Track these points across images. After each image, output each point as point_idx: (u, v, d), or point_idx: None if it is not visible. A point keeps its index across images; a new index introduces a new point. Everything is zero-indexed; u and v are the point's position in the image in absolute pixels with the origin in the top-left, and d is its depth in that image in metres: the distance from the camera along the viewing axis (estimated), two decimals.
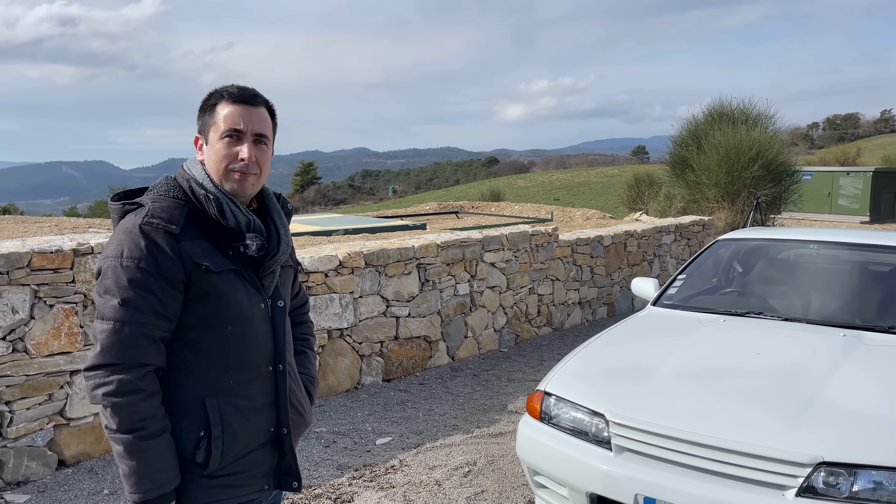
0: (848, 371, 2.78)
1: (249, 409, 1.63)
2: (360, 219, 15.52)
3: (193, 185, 1.61)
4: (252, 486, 1.67)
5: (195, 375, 1.58)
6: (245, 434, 1.63)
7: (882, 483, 2.22)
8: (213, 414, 1.58)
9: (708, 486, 2.35)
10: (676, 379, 2.83)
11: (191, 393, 1.58)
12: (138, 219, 1.54)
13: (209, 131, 1.64)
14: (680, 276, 4.24)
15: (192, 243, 1.56)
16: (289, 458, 1.72)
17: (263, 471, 1.69)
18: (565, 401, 2.87)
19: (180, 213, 1.56)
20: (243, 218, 1.61)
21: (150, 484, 1.48)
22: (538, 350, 6.52)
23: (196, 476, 1.58)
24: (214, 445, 1.57)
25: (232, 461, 1.61)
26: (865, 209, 19.25)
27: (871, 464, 2.23)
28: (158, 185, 1.63)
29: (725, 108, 15.20)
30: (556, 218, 16.84)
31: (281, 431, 1.70)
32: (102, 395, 1.47)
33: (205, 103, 1.66)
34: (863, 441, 2.31)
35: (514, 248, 6.66)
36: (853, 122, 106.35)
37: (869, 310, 3.52)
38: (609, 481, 2.53)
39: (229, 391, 1.61)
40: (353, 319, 5.26)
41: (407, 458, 4.02)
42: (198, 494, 1.58)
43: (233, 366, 1.61)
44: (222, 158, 1.61)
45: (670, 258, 8.95)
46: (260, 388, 1.66)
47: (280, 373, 1.70)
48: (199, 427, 1.58)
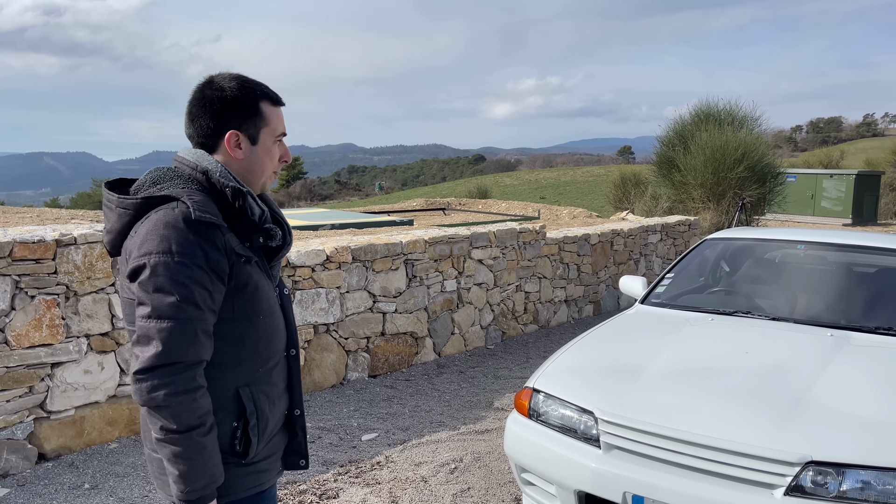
0: (835, 371, 2.79)
1: (275, 395, 1.68)
2: (346, 214, 15.46)
3: (213, 177, 1.55)
4: (275, 469, 1.71)
5: (229, 367, 1.57)
6: (273, 419, 1.67)
7: (870, 483, 2.23)
8: (248, 403, 1.58)
9: (697, 485, 2.35)
10: (666, 377, 2.83)
11: (225, 385, 1.57)
12: (179, 213, 1.48)
13: (258, 132, 1.62)
14: (668, 274, 4.25)
15: (231, 236, 1.54)
16: (300, 437, 1.77)
17: (280, 453, 1.74)
18: (554, 398, 2.86)
19: (214, 206, 1.53)
20: (258, 210, 1.60)
21: (207, 479, 1.47)
22: (524, 347, 6.52)
23: (234, 466, 1.59)
24: (252, 434, 1.58)
25: (262, 447, 1.64)
26: (848, 211, 19.46)
27: (859, 463, 2.24)
28: (169, 178, 1.56)
29: (712, 110, 15.29)
30: (542, 216, 16.87)
31: (294, 413, 1.75)
32: (165, 395, 1.41)
33: (240, 101, 1.60)
34: (851, 441, 2.32)
35: (501, 246, 6.65)
36: (836, 125, 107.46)
37: (855, 310, 3.54)
38: (598, 479, 2.52)
39: (260, 380, 1.63)
40: (340, 314, 5.23)
41: (393, 454, 3.99)
42: (237, 484, 1.59)
43: (262, 355, 1.63)
44: (276, 160, 1.68)
45: (656, 257, 8.98)
46: (281, 374, 1.71)
47: (293, 357, 1.75)
48: (233, 418, 1.58)
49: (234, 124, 1.59)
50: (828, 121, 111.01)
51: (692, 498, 2.32)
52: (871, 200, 20.18)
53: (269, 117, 1.63)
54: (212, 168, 1.56)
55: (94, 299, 3.87)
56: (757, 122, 15.25)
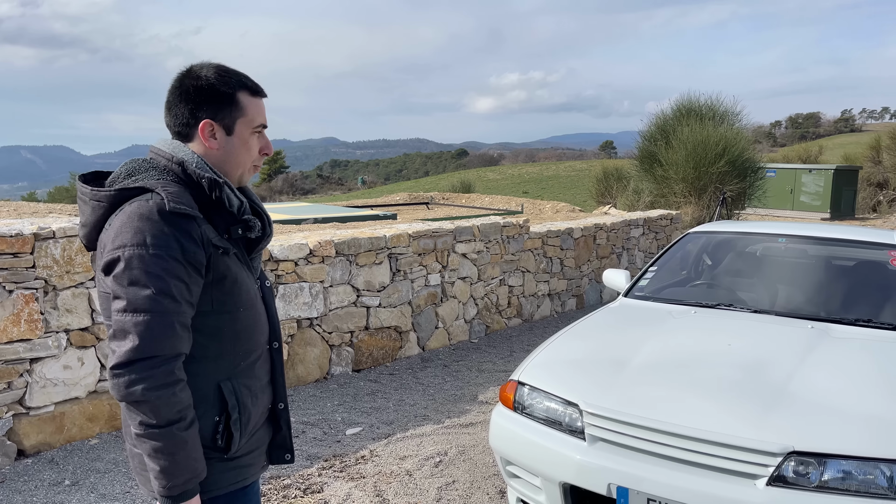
0: (816, 362, 2.82)
1: (258, 389, 1.65)
2: (329, 208, 15.38)
3: (189, 168, 1.53)
4: (258, 463, 1.69)
5: (210, 361, 1.55)
6: (256, 413, 1.65)
7: (851, 472, 2.26)
8: (230, 397, 1.57)
9: (680, 476, 2.36)
10: (649, 369, 2.84)
11: (206, 379, 1.55)
12: (154, 204, 1.45)
13: (234, 123, 1.59)
14: (651, 268, 4.27)
15: (207, 227, 1.52)
16: (284, 431, 1.75)
17: (264, 447, 1.72)
18: (539, 390, 2.86)
19: (189, 197, 1.50)
20: (236, 201, 1.58)
21: (189, 474, 1.44)
22: (508, 341, 6.53)
23: (216, 461, 1.57)
24: (234, 428, 1.57)
25: (245, 441, 1.62)
26: (826, 206, 19.69)
27: (841, 453, 2.27)
28: (144, 169, 1.54)
29: (693, 105, 15.41)
30: (526, 210, 16.90)
31: (278, 407, 1.73)
32: (143, 389, 1.38)
33: (216, 90, 1.57)
34: (832, 431, 2.35)
35: (485, 240, 6.66)
36: (815, 121, 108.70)
37: (835, 303, 3.58)
38: (582, 471, 2.53)
39: (241, 373, 1.61)
40: (324, 309, 5.20)
41: (377, 448, 3.99)
42: (220, 479, 1.58)
43: (243, 349, 1.61)
44: (253, 151, 1.64)
45: (638, 251, 9.03)
46: (264, 368, 1.68)
47: (276, 350, 1.73)
48: (215, 412, 1.56)
49: (209, 114, 1.57)
50: (806, 116, 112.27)
51: (676, 489, 2.34)
52: (849, 195, 20.44)
53: (245, 108, 1.60)
54: (188, 159, 1.54)
55: (73, 294, 3.82)
56: (737, 117, 15.40)
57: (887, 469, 2.24)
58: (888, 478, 2.23)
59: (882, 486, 2.23)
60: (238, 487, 1.63)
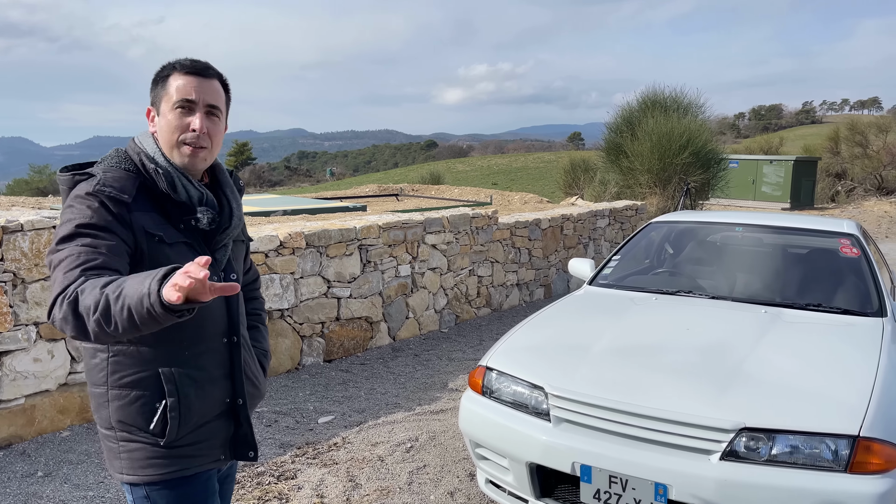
0: (768, 345, 2.97)
1: (205, 381, 1.65)
2: (299, 200, 15.31)
3: (144, 158, 1.61)
4: (209, 456, 1.69)
5: (150, 347, 1.58)
6: (201, 405, 1.65)
7: (798, 447, 2.40)
8: (168, 385, 1.59)
9: (640, 453, 2.49)
10: (612, 353, 2.97)
11: (146, 365, 1.58)
12: (89, 186, 1.54)
13: (161, 102, 1.64)
14: (615, 256, 4.41)
15: (144, 215, 1.56)
16: (245, 428, 1.74)
17: (220, 441, 1.71)
18: (506, 375, 2.97)
19: (132, 185, 1.57)
20: (195, 192, 1.63)
21: (144, 287, 1.27)
22: (478, 330, 6.64)
23: (153, 446, 1.60)
24: (171, 416, 1.58)
25: (189, 431, 1.63)
26: (787, 196, 20.21)
27: (788, 429, 2.41)
28: (109, 157, 1.63)
29: (658, 97, 15.66)
30: (494, 202, 17.02)
31: (237, 402, 1.73)
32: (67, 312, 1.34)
33: (157, 75, 1.66)
34: (781, 408, 2.49)
35: (454, 231, 6.75)
36: (777, 112, 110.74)
37: (788, 289, 3.75)
38: (548, 450, 2.64)
39: (185, 363, 1.62)
40: (294, 300, 5.25)
41: (349, 435, 4.06)
42: (156, 465, 1.60)
43: (187, 338, 1.62)
44: (174, 129, 1.61)
45: (605, 241, 9.21)
46: (215, 360, 1.68)
47: (234, 345, 1.72)
48: (155, 398, 1.59)
49: (151, 99, 1.68)
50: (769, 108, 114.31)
51: (636, 465, 2.46)
52: (809, 185, 20.99)
53: (170, 86, 1.62)
54: (146, 150, 1.62)
55: (42, 286, 3.81)
56: (701, 109, 15.69)
57: (832, 443, 2.38)
58: (833, 451, 2.38)
59: (827, 459, 2.37)
60: (179, 476, 1.63)
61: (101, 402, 1.61)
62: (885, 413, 2.47)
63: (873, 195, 22.86)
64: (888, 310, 3.40)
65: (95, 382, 1.62)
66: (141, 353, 1.58)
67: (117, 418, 1.60)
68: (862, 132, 25.38)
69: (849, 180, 24.90)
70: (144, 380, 1.58)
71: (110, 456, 1.64)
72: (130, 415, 1.59)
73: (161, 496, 1.62)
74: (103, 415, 1.62)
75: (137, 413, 1.58)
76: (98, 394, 1.62)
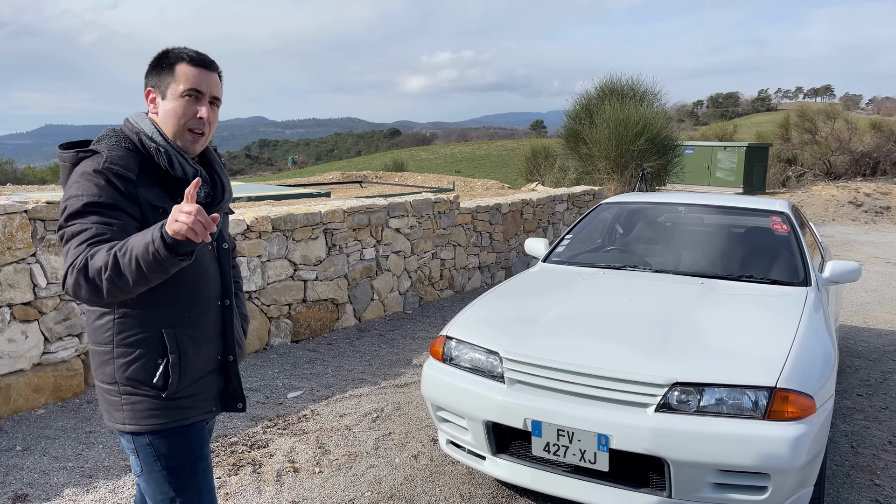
0: (702, 311, 3.26)
1: (202, 339, 1.86)
2: (263, 187, 15.33)
3: (143, 137, 1.77)
4: (203, 407, 1.89)
5: (153, 310, 1.76)
6: (197, 361, 1.85)
7: (723, 398, 2.69)
8: (170, 343, 1.78)
9: (584, 408, 2.75)
10: (560, 321, 3.22)
11: (150, 325, 1.77)
12: (95, 163, 1.70)
13: (167, 89, 1.80)
14: (567, 236, 4.67)
15: (147, 190, 1.74)
16: (234, 382, 1.96)
17: (212, 394, 1.92)
18: (464, 343, 3.20)
19: (134, 162, 1.74)
20: (190, 169, 1.81)
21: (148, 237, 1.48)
22: (441, 311, 6.88)
23: (155, 399, 1.79)
24: (172, 371, 1.78)
25: (186, 385, 1.83)
26: (740, 181, 20.86)
27: (715, 382, 2.69)
28: (107, 137, 1.78)
29: (616, 85, 16.04)
30: (457, 188, 17.25)
31: (227, 359, 1.94)
32: (79, 277, 1.53)
33: (160, 61, 1.80)
34: (709, 365, 2.77)
35: (417, 215, 6.96)
36: (734, 100, 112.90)
37: (725, 262, 4.05)
38: (502, 409, 2.88)
39: (185, 323, 1.81)
40: (262, 283, 5.41)
41: (318, 408, 4.27)
42: (158, 415, 1.80)
43: (186, 301, 1.81)
44: (181, 116, 1.79)
45: (563, 225, 9.52)
46: (211, 321, 1.88)
47: (227, 307, 1.93)
48: (157, 356, 1.78)
49: (151, 82, 1.83)
50: (726, 96, 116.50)
51: (581, 419, 2.72)
52: (760, 171, 21.69)
53: (178, 74, 1.77)
54: (145, 129, 1.79)
55: (14, 269, 3.92)
56: (657, 97, 16.11)
57: (753, 394, 2.67)
58: (753, 402, 2.67)
59: (749, 409, 2.66)
60: (178, 425, 1.83)
61: (106, 360, 1.79)
62: (801, 367, 2.77)
63: (822, 180, 23.70)
64: (812, 280, 3.73)
65: (100, 341, 1.79)
66: (145, 315, 1.76)
67: (122, 374, 1.77)
68: (811, 119, 26.26)
69: (799, 166, 25.75)
70: (148, 339, 1.77)
71: (111, 409, 1.81)
72: (135, 371, 1.77)
73: (162, 443, 1.82)
74: (107, 371, 1.79)
75: (142, 369, 1.77)
76: (102, 352, 1.79)
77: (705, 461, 2.57)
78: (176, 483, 1.84)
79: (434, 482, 3.36)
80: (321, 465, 3.49)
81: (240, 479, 3.32)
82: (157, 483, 1.84)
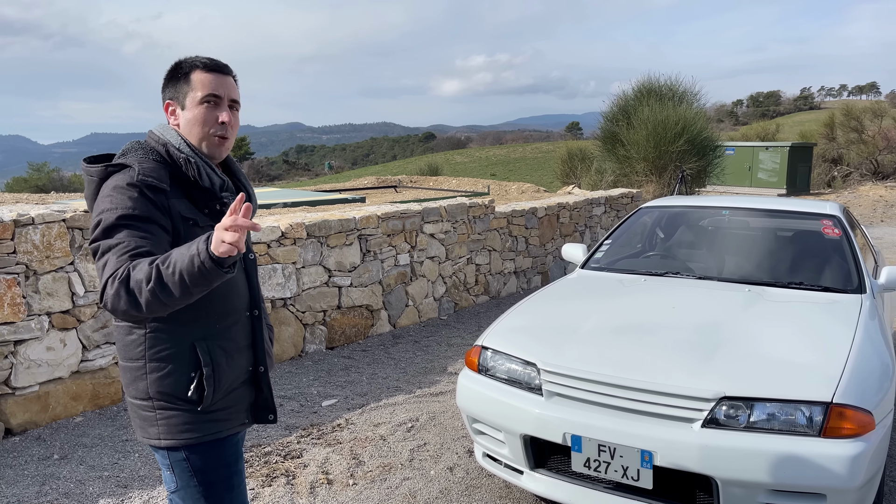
0: (750, 320, 3.11)
1: (234, 351, 1.82)
2: (298, 192, 15.45)
3: (171, 149, 1.74)
4: (236, 419, 1.86)
5: (185, 323, 1.73)
6: (231, 373, 1.81)
7: (775, 413, 2.55)
8: (203, 356, 1.74)
9: (627, 423, 2.63)
10: (600, 331, 3.11)
11: (182, 339, 1.73)
12: (129, 177, 1.67)
13: (185, 98, 1.77)
14: (606, 241, 4.54)
15: (178, 201, 1.72)
16: (266, 393, 1.92)
17: (244, 406, 1.89)
18: (501, 353, 3.11)
19: (166, 173, 1.71)
20: (217, 179, 1.78)
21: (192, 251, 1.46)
22: (476, 317, 6.79)
23: (190, 413, 1.75)
24: (207, 384, 1.74)
25: (220, 398, 1.79)
26: (783, 182, 20.32)
27: (766, 397, 2.55)
28: (133, 150, 1.75)
29: (654, 85, 15.77)
30: (492, 191, 17.15)
31: (258, 370, 1.91)
32: (119, 288, 1.50)
33: (175, 72, 1.79)
34: (759, 378, 2.63)
35: (452, 220, 6.88)
36: (775, 99, 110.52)
37: (772, 268, 3.89)
38: (540, 423, 2.78)
39: (217, 335, 1.78)
40: (296, 289, 5.39)
41: (352, 417, 4.21)
42: (194, 429, 1.76)
43: (218, 312, 1.78)
44: (203, 122, 1.76)
45: (600, 229, 9.35)
46: (241, 332, 1.85)
47: (256, 318, 1.90)
48: (190, 369, 1.74)
49: (169, 94, 1.81)
50: (767, 95, 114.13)
51: (623, 434, 2.60)
52: (804, 171, 21.10)
53: (194, 82, 1.77)
54: (171, 141, 1.76)
55: (53, 278, 3.95)
56: (696, 97, 15.79)
57: (807, 410, 2.53)
58: (808, 417, 2.52)
59: (803, 425, 2.52)
60: (213, 438, 1.80)
61: (138, 375, 1.75)
62: (858, 381, 2.61)
63: (869, 180, 22.98)
64: (867, 287, 3.54)
65: (131, 357, 1.75)
66: (177, 329, 1.73)
67: (156, 389, 1.74)
68: (857, 117, 25.48)
69: (844, 165, 25.00)
70: (181, 353, 1.73)
71: (145, 424, 1.78)
72: (169, 385, 1.73)
73: (198, 458, 1.78)
74: (140, 386, 1.75)
75: (175, 383, 1.73)
76: (135, 367, 1.75)
77: (756, 480, 2.43)
78: (213, 498, 1.82)
79: (470, 496, 3.27)
80: (355, 477, 3.43)
81: (273, 491, 3.28)
82: (194, 499, 1.81)
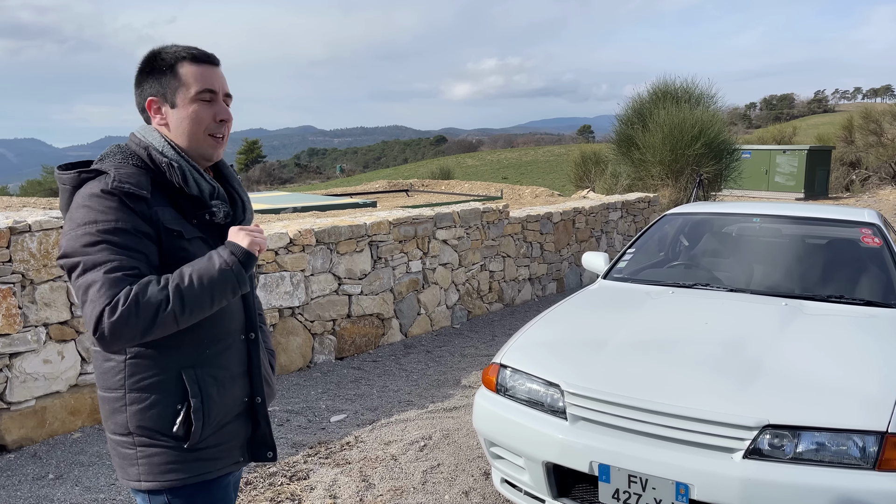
0: (790, 338, 2.88)
1: (226, 380, 1.61)
2: (308, 197, 15.30)
3: (153, 152, 1.54)
4: (228, 458, 1.64)
5: (170, 348, 1.52)
6: (222, 405, 1.60)
7: (824, 444, 2.33)
8: (191, 386, 1.53)
9: (660, 451, 2.42)
10: (628, 348, 2.89)
11: (167, 366, 1.52)
12: (103, 183, 1.46)
13: (175, 95, 1.56)
14: (629, 250, 4.32)
15: (163, 210, 1.51)
16: (263, 427, 1.70)
17: (239, 442, 1.67)
18: (521, 372, 2.90)
19: (146, 180, 1.51)
20: (206, 186, 1.57)
21: (210, 262, 1.48)
22: (490, 326, 6.58)
23: (175, 450, 1.54)
24: (195, 417, 1.53)
25: (211, 433, 1.58)
26: (800, 186, 19.96)
27: (814, 425, 2.33)
28: (112, 154, 1.55)
29: (669, 88, 15.49)
30: (505, 196, 16.94)
31: (255, 401, 1.69)
32: (131, 308, 1.37)
33: (154, 64, 1.57)
34: (805, 404, 2.41)
35: (465, 226, 6.68)
36: (788, 102, 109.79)
37: (808, 280, 3.66)
38: (565, 450, 2.57)
39: (207, 362, 1.57)
40: (305, 298, 5.20)
41: (362, 434, 4.01)
42: (178, 469, 1.55)
43: (207, 336, 1.57)
44: (200, 121, 1.56)
45: (617, 234, 9.12)
46: (235, 358, 1.64)
47: (252, 341, 1.69)
48: (176, 400, 1.53)
49: (151, 90, 1.58)
50: (781, 97, 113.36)
51: (656, 464, 2.39)
52: (823, 175, 20.73)
53: (184, 76, 1.56)
54: (154, 143, 1.55)
55: (51, 287, 3.78)
56: (713, 100, 15.51)
57: (860, 440, 2.31)
58: (861, 448, 2.30)
59: (855, 457, 2.30)
60: (200, 480, 1.58)
61: (117, 407, 1.54)
62: None
63: (888, 184, 22.57)
64: None
65: (109, 387, 1.55)
66: (161, 355, 1.52)
67: (136, 423, 1.53)
68: (876, 120, 25.01)
69: (863, 169, 24.58)
70: (165, 382, 1.52)
71: (124, 464, 1.57)
72: (151, 419, 1.52)
73: (182, 501, 1.57)
74: (118, 420, 1.55)
75: (159, 416, 1.52)
76: (112, 398, 1.54)
77: None
78: None
79: None
80: (364, 502, 3.23)
81: None
82: None
